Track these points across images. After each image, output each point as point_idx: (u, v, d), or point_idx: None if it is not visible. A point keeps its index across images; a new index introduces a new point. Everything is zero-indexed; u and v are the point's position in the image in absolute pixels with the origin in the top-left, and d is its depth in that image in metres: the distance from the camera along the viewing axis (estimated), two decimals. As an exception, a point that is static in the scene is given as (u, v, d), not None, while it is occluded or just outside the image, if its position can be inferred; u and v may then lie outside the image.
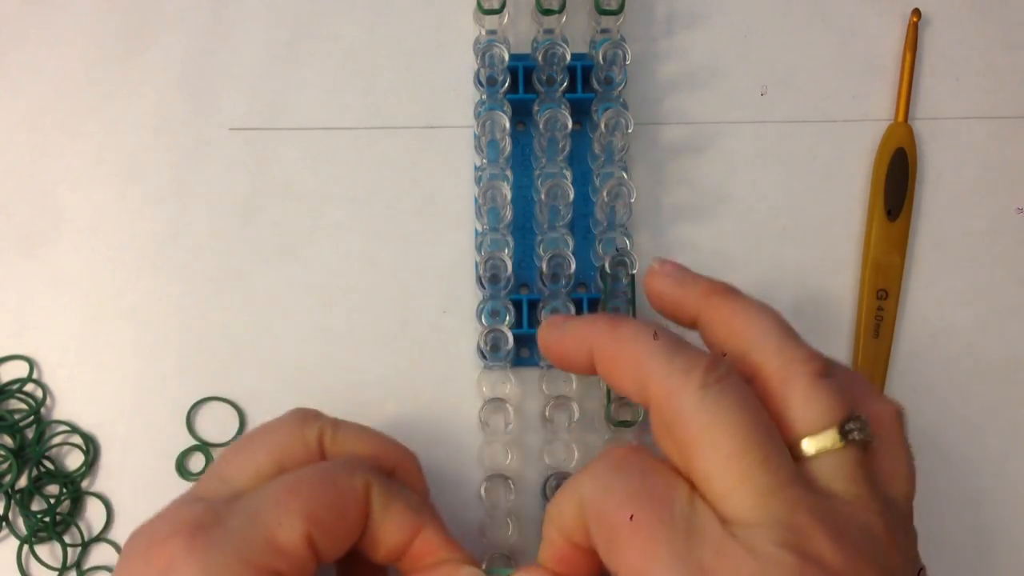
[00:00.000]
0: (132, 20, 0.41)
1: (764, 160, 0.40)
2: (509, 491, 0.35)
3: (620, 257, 0.35)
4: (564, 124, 0.36)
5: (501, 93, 0.36)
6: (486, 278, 0.35)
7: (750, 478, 0.24)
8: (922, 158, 0.40)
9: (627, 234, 0.36)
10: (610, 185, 0.35)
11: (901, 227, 0.39)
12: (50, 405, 0.38)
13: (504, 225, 0.36)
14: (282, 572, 0.27)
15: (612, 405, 0.35)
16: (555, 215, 0.36)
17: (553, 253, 0.35)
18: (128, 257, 0.39)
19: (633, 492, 0.25)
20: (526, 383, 0.37)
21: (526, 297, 0.37)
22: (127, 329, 0.38)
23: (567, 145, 0.36)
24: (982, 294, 0.39)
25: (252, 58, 0.40)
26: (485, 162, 0.36)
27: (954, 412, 0.38)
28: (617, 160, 0.37)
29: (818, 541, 0.23)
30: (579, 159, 0.38)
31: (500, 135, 0.36)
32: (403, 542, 0.29)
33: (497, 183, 0.35)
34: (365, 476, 0.29)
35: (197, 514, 0.27)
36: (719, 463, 0.24)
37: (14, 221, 0.39)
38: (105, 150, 0.40)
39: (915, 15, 0.40)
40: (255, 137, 0.40)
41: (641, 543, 0.24)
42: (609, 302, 0.35)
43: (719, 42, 0.41)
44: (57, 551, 0.37)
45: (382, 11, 0.41)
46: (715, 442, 0.24)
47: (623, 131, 0.36)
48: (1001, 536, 0.37)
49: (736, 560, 0.23)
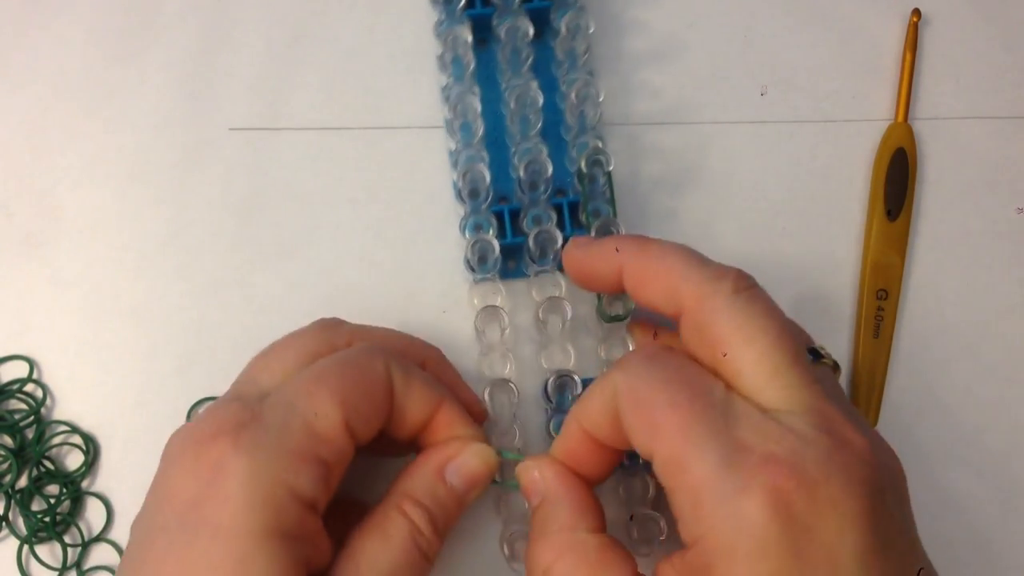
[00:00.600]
0: (132, 20, 0.41)
1: (764, 160, 0.40)
2: (512, 394, 0.35)
3: (595, 156, 0.35)
4: (525, 32, 0.36)
5: (459, 9, 0.36)
6: (466, 192, 0.35)
7: (782, 373, 0.26)
8: (922, 158, 0.40)
9: (599, 136, 0.36)
10: (577, 87, 0.35)
11: (901, 227, 0.39)
12: (50, 405, 0.38)
13: (477, 140, 0.36)
14: (325, 458, 0.27)
15: (603, 300, 0.35)
16: (526, 124, 0.36)
17: (529, 160, 0.35)
18: (128, 257, 0.39)
19: (671, 378, 0.26)
20: (516, 296, 0.38)
21: (507, 207, 0.36)
22: (127, 329, 0.38)
23: (530, 54, 0.36)
24: (982, 294, 0.39)
25: (252, 58, 0.40)
26: (451, 80, 0.36)
27: (954, 412, 0.38)
28: (581, 64, 0.37)
29: (845, 427, 0.25)
30: (543, 71, 0.38)
31: (463, 50, 0.36)
32: (425, 417, 0.31)
33: (466, 97, 0.35)
34: (384, 358, 0.30)
35: (236, 413, 0.28)
36: (753, 359, 0.26)
37: (14, 221, 0.39)
38: (105, 150, 0.40)
39: (915, 15, 0.40)
40: (255, 137, 0.40)
41: (680, 423, 0.25)
42: (589, 203, 0.35)
43: (719, 42, 0.41)
44: (57, 551, 0.37)
45: (382, 11, 0.41)
46: (750, 339, 0.26)
47: (584, 33, 0.36)
48: (1001, 536, 0.37)
49: (776, 436, 0.24)
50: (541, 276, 0.36)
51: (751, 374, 0.26)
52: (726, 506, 0.24)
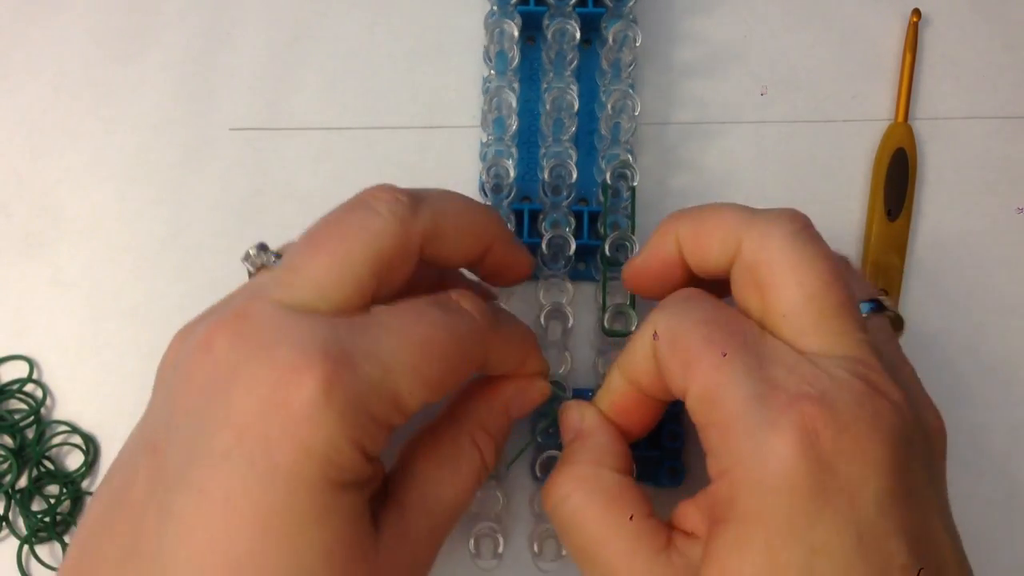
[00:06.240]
0: (132, 20, 0.41)
1: (764, 160, 0.40)
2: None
3: (621, 169, 0.35)
4: (572, 36, 0.36)
5: (512, 4, 0.36)
6: (489, 186, 0.35)
7: (828, 318, 0.25)
8: (922, 158, 0.40)
9: (630, 150, 0.36)
10: (614, 98, 0.35)
11: (901, 227, 0.39)
12: (50, 405, 0.38)
13: (509, 136, 0.36)
14: (397, 425, 0.26)
15: (607, 313, 0.35)
16: (559, 127, 0.36)
17: (555, 163, 0.35)
18: (128, 257, 0.39)
19: (707, 318, 0.27)
20: (524, 296, 0.37)
21: (527, 207, 0.37)
22: (127, 329, 0.38)
23: (575, 59, 0.36)
24: (982, 294, 0.39)
25: (252, 58, 0.40)
26: (493, 72, 0.36)
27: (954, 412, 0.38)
28: (624, 76, 0.37)
29: (882, 377, 0.25)
30: (587, 77, 0.38)
31: (508, 45, 0.36)
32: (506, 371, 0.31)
33: (504, 92, 0.35)
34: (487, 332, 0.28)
35: (327, 344, 0.24)
36: (801, 302, 0.26)
37: (14, 221, 0.39)
38: (105, 150, 0.40)
39: (915, 15, 0.40)
40: (255, 137, 0.40)
41: (714, 359, 0.25)
42: (609, 216, 0.35)
43: (719, 42, 0.41)
44: (57, 551, 0.37)
45: (382, 11, 0.41)
46: (801, 281, 0.26)
47: (631, 46, 0.36)
48: (1002, 536, 0.37)
49: (809, 377, 0.24)
50: (551, 280, 0.36)
51: (796, 315, 0.26)
52: (755, 439, 0.24)
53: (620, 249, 0.35)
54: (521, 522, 0.37)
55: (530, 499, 0.37)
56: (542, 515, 0.36)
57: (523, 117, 0.38)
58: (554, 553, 0.35)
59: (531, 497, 0.36)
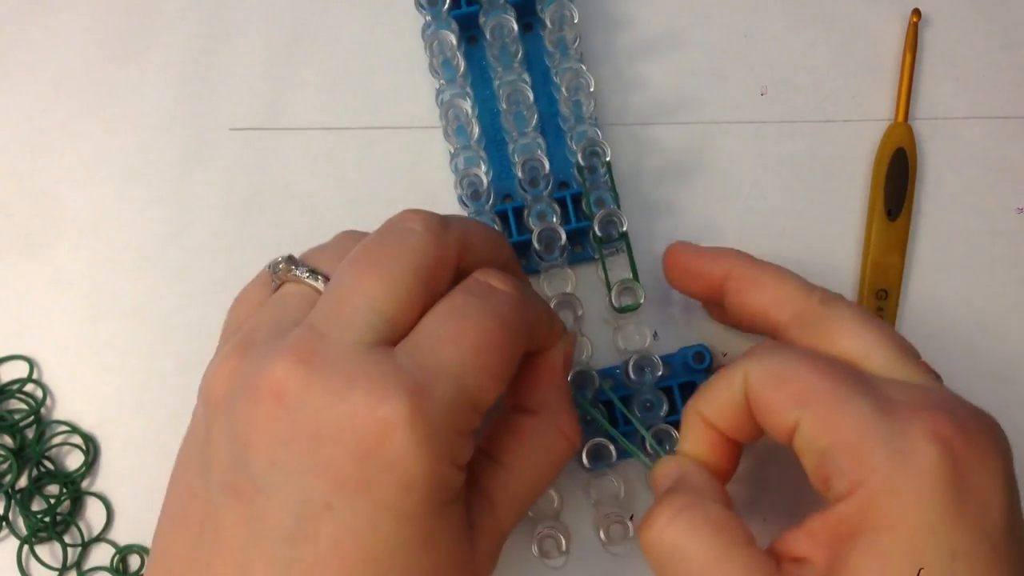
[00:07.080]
0: (132, 20, 0.41)
1: (764, 160, 0.40)
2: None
3: (592, 147, 0.35)
4: (510, 29, 0.35)
5: (444, 11, 0.36)
6: (466, 196, 0.35)
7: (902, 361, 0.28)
8: (922, 158, 0.40)
9: (596, 125, 0.36)
10: (567, 79, 0.35)
11: (901, 227, 0.39)
12: (50, 405, 0.38)
13: (475, 141, 0.36)
14: (479, 425, 0.27)
15: (615, 291, 0.35)
16: (521, 120, 0.36)
17: (526, 157, 0.35)
18: (128, 257, 0.39)
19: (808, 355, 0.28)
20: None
21: (510, 206, 0.36)
22: (127, 329, 0.38)
23: (519, 49, 0.36)
24: (982, 294, 0.39)
25: (252, 58, 0.40)
26: (443, 83, 0.36)
27: (954, 412, 0.38)
28: (572, 54, 0.37)
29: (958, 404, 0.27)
30: (538, 61, 0.38)
31: (450, 53, 0.35)
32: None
33: (456, 100, 0.35)
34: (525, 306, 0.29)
35: (400, 378, 0.24)
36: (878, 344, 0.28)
37: (14, 221, 0.39)
38: (105, 150, 0.40)
39: (915, 15, 0.40)
40: (255, 137, 0.40)
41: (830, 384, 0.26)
42: (591, 194, 0.36)
43: (719, 42, 0.41)
44: (57, 551, 0.37)
45: (382, 11, 0.41)
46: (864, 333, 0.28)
47: (570, 23, 0.36)
48: (1001, 536, 0.37)
49: (922, 394, 0.26)
50: (551, 271, 0.36)
51: (878, 356, 0.28)
52: (890, 446, 0.24)
53: (610, 225, 0.35)
54: (581, 513, 0.36)
55: (585, 488, 0.36)
56: (601, 502, 0.36)
57: (484, 118, 0.37)
58: (621, 536, 0.35)
59: (586, 485, 0.36)
